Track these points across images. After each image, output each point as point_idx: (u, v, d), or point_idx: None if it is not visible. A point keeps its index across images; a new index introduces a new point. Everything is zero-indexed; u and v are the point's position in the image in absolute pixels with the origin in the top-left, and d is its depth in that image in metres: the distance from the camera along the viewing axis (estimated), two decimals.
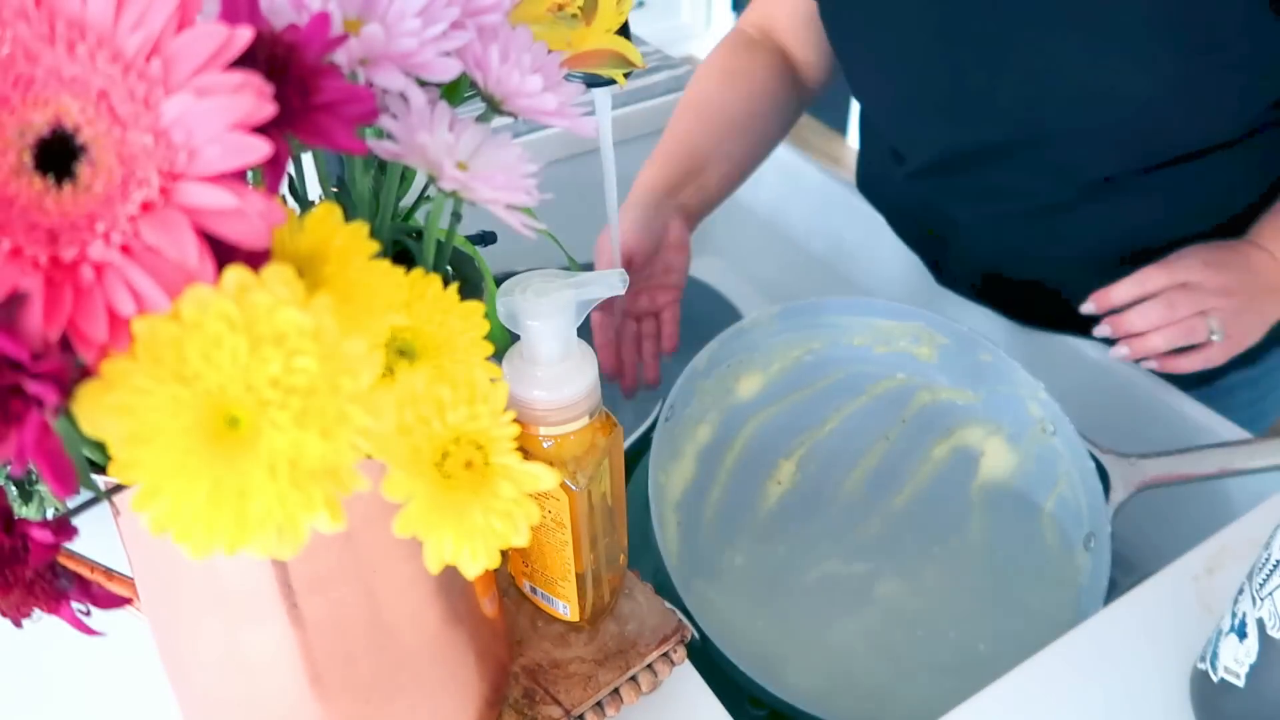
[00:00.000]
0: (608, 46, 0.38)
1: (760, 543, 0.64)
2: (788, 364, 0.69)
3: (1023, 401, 0.66)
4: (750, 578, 0.62)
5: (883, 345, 0.69)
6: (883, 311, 0.68)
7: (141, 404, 0.22)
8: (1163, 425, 0.72)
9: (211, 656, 0.38)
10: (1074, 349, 0.77)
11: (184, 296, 0.23)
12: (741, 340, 0.66)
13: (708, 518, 0.64)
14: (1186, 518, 0.71)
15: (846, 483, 0.66)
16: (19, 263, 0.22)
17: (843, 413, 0.68)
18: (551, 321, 0.39)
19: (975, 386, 0.68)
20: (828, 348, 0.69)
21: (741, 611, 0.60)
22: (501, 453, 0.28)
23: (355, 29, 0.28)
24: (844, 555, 0.64)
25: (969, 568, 0.63)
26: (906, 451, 0.67)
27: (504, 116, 0.32)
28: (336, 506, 0.24)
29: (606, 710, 0.47)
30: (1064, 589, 0.62)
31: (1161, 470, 0.62)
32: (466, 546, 0.27)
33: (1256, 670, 0.43)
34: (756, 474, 0.66)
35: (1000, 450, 0.67)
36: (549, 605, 0.49)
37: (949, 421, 0.68)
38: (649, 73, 1.05)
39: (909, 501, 0.66)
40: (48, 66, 0.23)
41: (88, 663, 0.53)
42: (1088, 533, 0.62)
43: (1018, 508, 0.65)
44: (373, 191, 0.32)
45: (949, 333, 0.67)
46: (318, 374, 0.23)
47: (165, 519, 0.23)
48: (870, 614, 0.62)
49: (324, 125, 0.25)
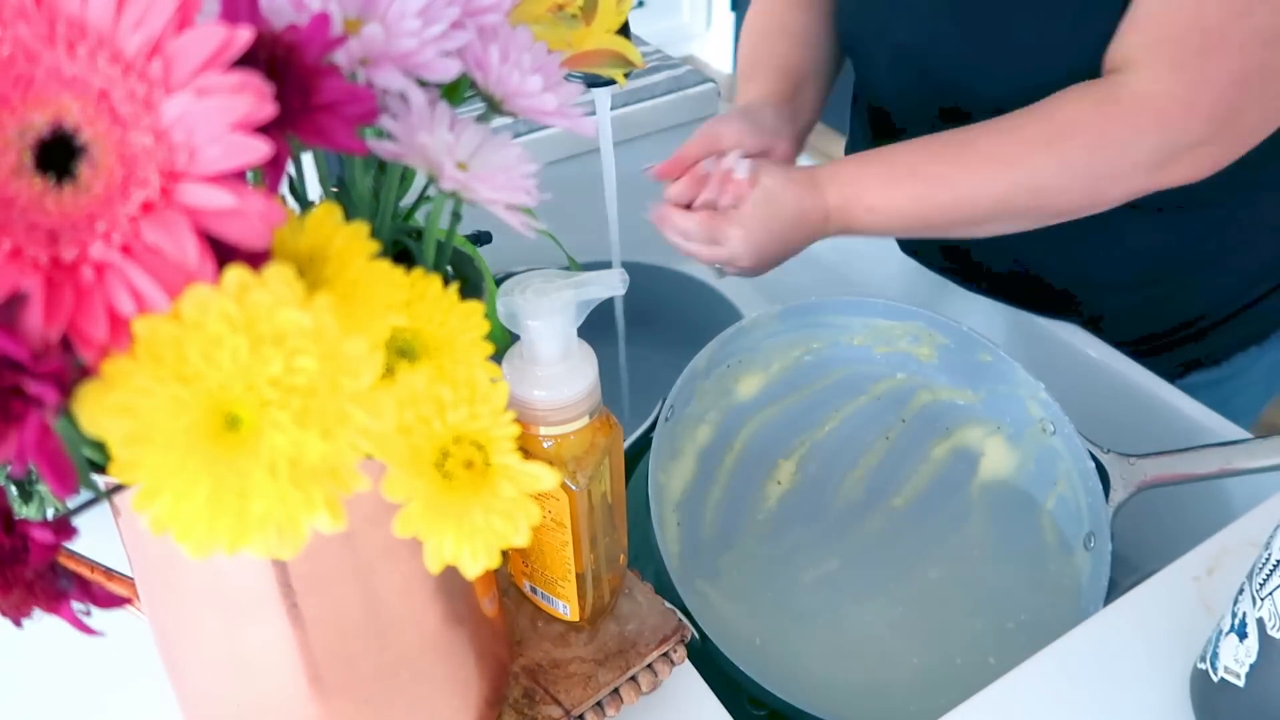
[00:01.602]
0: (608, 46, 0.38)
1: (760, 543, 0.64)
2: (788, 364, 0.69)
3: (1023, 401, 0.66)
4: (750, 578, 0.62)
5: (883, 345, 0.69)
6: (883, 311, 0.68)
7: (142, 404, 0.22)
8: (1163, 425, 0.72)
9: (211, 656, 0.38)
10: (1074, 348, 0.77)
11: (184, 296, 0.23)
12: (742, 340, 0.66)
13: (708, 518, 0.64)
14: (1186, 518, 0.71)
15: (846, 483, 0.66)
16: (19, 263, 0.22)
17: (843, 413, 0.68)
18: (551, 321, 0.39)
19: (975, 386, 0.68)
20: (828, 348, 0.69)
21: (741, 611, 0.60)
22: (502, 453, 0.28)
23: (355, 29, 0.28)
24: (844, 555, 0.64)
25: (969, 567, 0.63)
26: (906, 451, 0.67)
27: (504, 116, 0.32)
28: (337, 506, 0.24)
29: (606, 710, 0.47)
30: (1064, 589, 0.62)
31: (1161, 470, 0.62)
32: (466, 546, 0.27)
33: (1256, 670, 0.43)
34: (756, 474, 0.66)
35: (1000, 450, 0.67)
36: (549, 605, 0.49)
37: (949, 421, 0.68)
38: (649, 73, 1.05)
39: (909, 501, 0.66)
40: (48, 67, 0.23)
41: (88, 663, 0.53)
42: (1088, 532, 0.62)
43: (1017, 507, 0.65)
44: (373, 191, 0.32)
45: (949, 332, 0.67)
46: (318, 374, 0.23)
47: (165, 519, 0.23)
48: (870, 614, 0.62)
49: (324, 125, 0.25)
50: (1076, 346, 0.77)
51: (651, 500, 0.58)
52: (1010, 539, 0.64)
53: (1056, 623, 0.58)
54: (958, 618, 0.61)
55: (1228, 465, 0.62)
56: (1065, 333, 0.78)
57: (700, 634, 0.53)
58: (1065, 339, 0.78)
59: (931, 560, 0.63)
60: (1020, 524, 0.65)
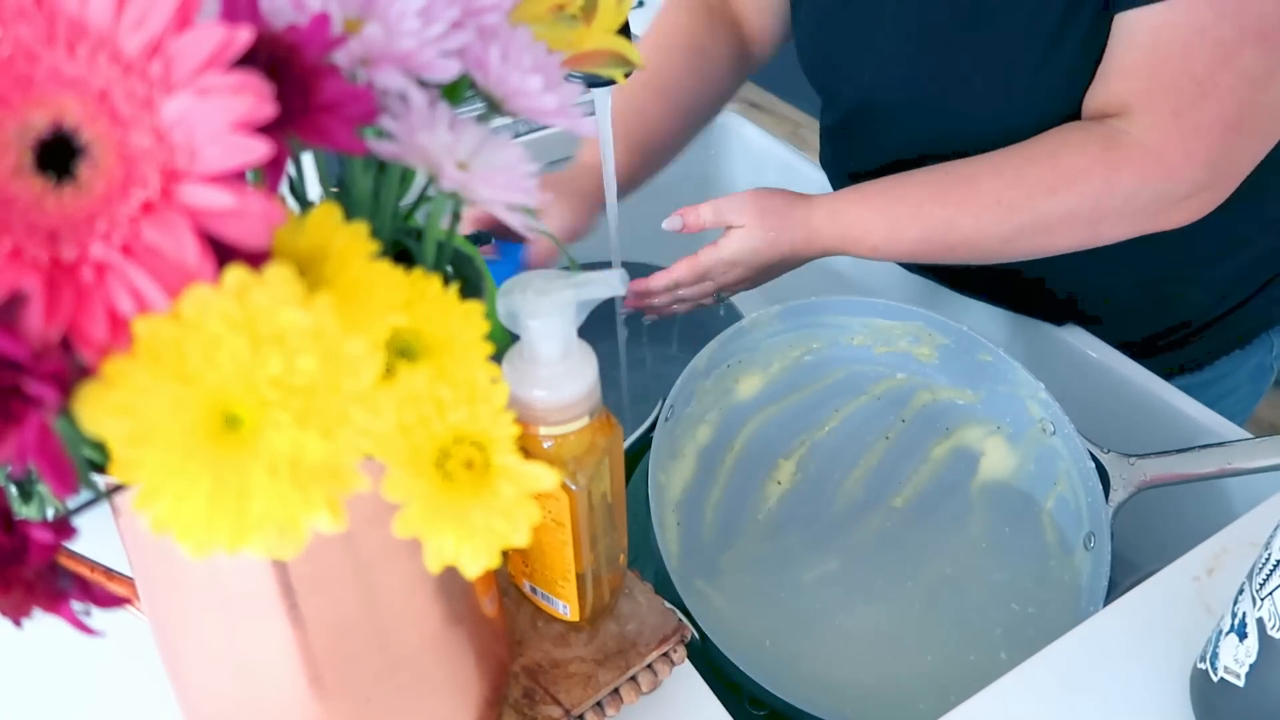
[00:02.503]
0: (608, 46, 0.38)
1: (760, 543, 0.64)
2: (788, 364, 0.69)
3: (1023, 401, 0.66)
4: (750, 578, 0.62)
5: (883, 345, 0.69)
6: (883, 311, 0.68)
7: (142, 404, 0.22)
8: (1163, 425, 0.72)
9: (211, 656, 0.38)
10: (1074, 349, 0.77)
11: (184, 296, 0.23)
12: (741, 340, 0.66)
13: (708, 518, 0.64)
14: (1186, 518, 0.71)
15: (846, 483, 0.66)
16: (19, 263, 0.22)
17: (843, 413, 0.68)
18: (551, 321, 0.39)
19: (975, 386, 0.68)
20: (828, 347, 0.69)
21: (741, 611, 0.60)
22: (502, 453, 0.28)
23: (355, 29, 0.28)
24: (844, 555, 0.64)
25: (969, 568, 0.63)
26: (907, 451, 0.67)
27: (504, 116, 0.32)
28: (337, 506, 0.24)
29: (606, 710, 0.47)
30: (1064, 589, 0.62)
31: (1161, 470, 0.62)
32: (467, 546, 0.27)
33: (1256, 670, 0.43)
34: (756, 474, 0.66)
35: (1000, 450, 0.67)
36: (549, 605, 0.49)
37: (949, 421, 0.68)
38: None
39: (909, 501, 0.66)
40: (48, 67, 0.23)
41: (88, 663, 0.53)
42: (1088, 532, 0.62)
43: (1017, 507, 0.65)
44: (373, 192, 0.32)
45: (949, 332, 0.67)
46: (318, 374, 0.23)
47: (166, 519, 0.23)
48: (870, 614, 0.62)
49: (324, 125, 0.25)
50: (1076, 347, 0.77)
51: (651, 500, 0.58)
52: (1010, 539, 0.64)
53: (1056, 623, 0.58)
54: (958, 618, 0.61)
55: (1228, 465, 0.62)
56: (1065, 333, 0.78)
57: (700, 634, 0.53)
58: (1065, 339, 0.78)
59: (932, 560, 0.63)
60: (1020, 524, 0.65)
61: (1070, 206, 0.64)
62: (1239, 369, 0.84)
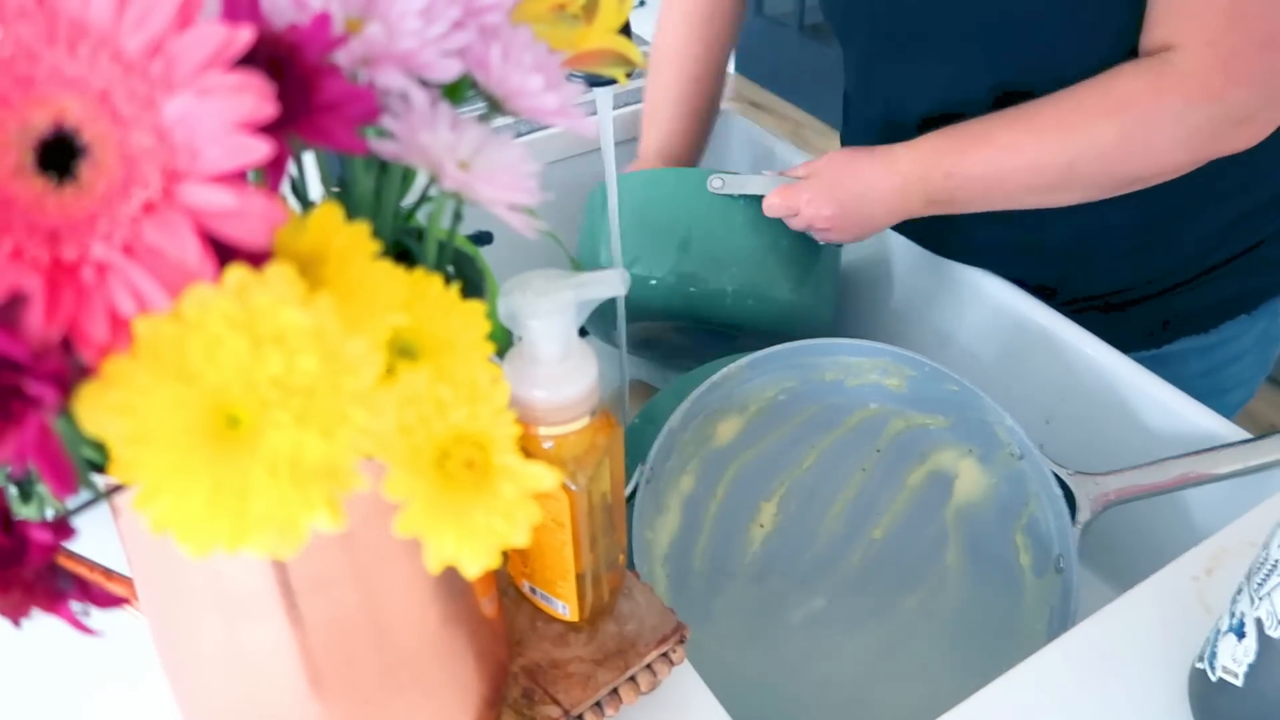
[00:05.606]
0: (609, 46, 0.38)
1: (748, 586, 0.64)
2: (764, 404, 0.70)
3: (990, 427, 0.66)
4: (740, 622, 0.63)
5: (854, 379, 0.70)
6: (850, 350, 0.69)
7: (142, 404, 0.22)
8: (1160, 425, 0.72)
9: (211, 656, 0.38)
10: (1067, 346, 0.77)
11: (185, 296, 0.23)
12: (714, 394, 0.67)
13: (696, 567, 0.64)
14: (1183, 519, 0.71)
15: (826, 519, 0.67)
16: (20, 263, 0.22)
17: (819, 448, 0.69)
18: (552, 321, 0.39)
19: (946, 412, 0.69)
20: (801, 385, 0.70)
21: (733, 656, 0.61)
22: (503, 452, 0.28)
23: (357, 29, 0.28)
24: (828, 591, 0.64)
25: (947, 594, 0.64)
26: (884, 481, 0.68)
27: (505, 116, 0.32)
28: (337, 506, 0.24)
29: (605, 710, 0.47)
30: (1038, 610, 0.63)
31: (1124, 484, 0.64)
32: (467, 546, 0.27)
33: (1255, 670, 0.43)
34: (739, 519, 0.67)
35: (973, 472, 0.68)
36: (548, 605, 0.49)
37: (923, 446, 0.69)
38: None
39: (887, 532, 0.66)
40: (49, 66, 0.23)
41: (88, 663, 0.53)
42: (1058, 554, 0.63)
43: (992, 531, 0.66)
44: (374, 191, 0.32)
45: (915, 365, 0.68)
46: (319, 374, 0.23)
47: (165, 519, 0.23)
48: (858, 647, 0.62)
49: (325, 125, 0.25)
50: (1073, 344, 0.77)
51: (637, 559, 0.58)
52: (985, 563, 0.65)
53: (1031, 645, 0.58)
54: (939, 645, 0.62)
55: (1189, 474, 0.63)
56: (1066, 333, 0.78)
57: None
58: (1065, 339, 0.78)
59: (913, 589, 0.64)
60: (994, 548, 0.65)
61: (1124, 130, 0.66)
62: (1245, 333, 0.86)
